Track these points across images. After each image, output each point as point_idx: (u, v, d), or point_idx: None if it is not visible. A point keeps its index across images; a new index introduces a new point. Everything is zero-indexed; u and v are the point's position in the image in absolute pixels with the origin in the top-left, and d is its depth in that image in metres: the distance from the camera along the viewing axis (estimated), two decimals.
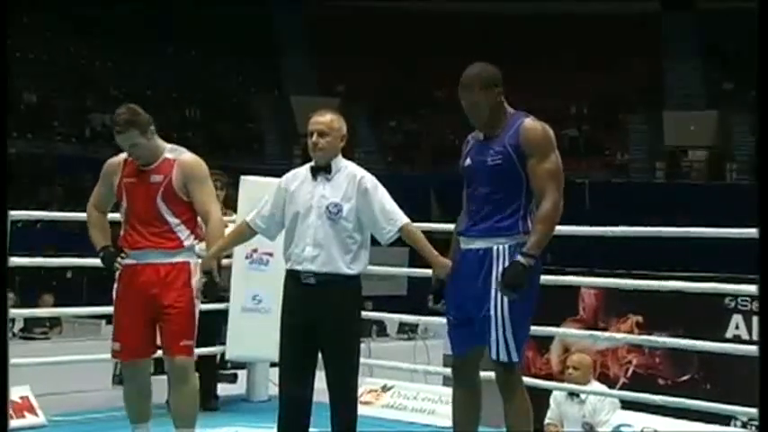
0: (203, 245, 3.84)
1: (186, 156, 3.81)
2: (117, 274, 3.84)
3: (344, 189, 3.60)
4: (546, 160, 3.26)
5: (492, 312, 3.23)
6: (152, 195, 3.74)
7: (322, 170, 3.65)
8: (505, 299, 3.21)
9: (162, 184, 3.73)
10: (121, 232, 3.85)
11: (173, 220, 3.74)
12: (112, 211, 4.02)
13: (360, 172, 3.67)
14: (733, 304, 5.40)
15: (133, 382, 3.82)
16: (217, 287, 3.71)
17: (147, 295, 3.73)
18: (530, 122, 3.32)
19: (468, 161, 3.44)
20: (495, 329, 3.23)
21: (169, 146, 3.84)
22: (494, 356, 3.27)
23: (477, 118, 3.37)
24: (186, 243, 3.76)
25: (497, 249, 3.27)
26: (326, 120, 3.67)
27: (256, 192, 5.00)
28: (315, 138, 3.65)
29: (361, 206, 3.60)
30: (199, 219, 3.83)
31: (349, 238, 3.59)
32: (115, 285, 3.86)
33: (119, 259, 3.77)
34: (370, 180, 3.65)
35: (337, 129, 3.67)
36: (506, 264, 3.24)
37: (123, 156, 3.86)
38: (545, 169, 3.27)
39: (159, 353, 3.91)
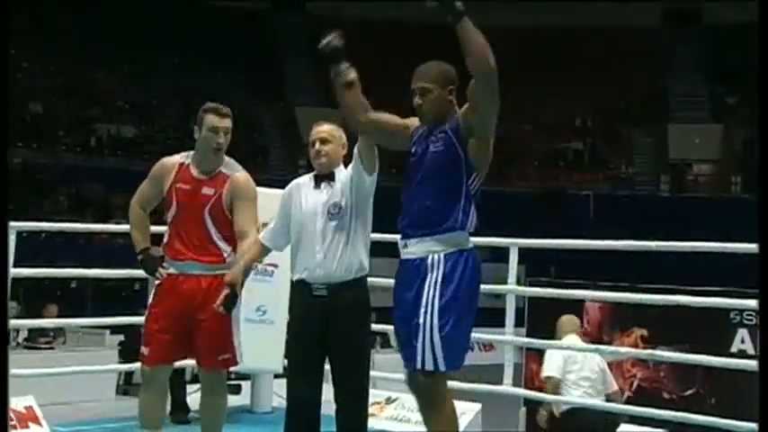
0: None
1: (240, 174, 3.82)
2: (156, 282, 3.83)
3: (342, 188, 3.64)
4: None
5: (421, 320, 3.05)
6: (201, 207, 3.74)
7: (325, 178, 3.68)
8: (436, 305, 3.04)
9: (212, 198, 3.75)
10: (165, 239, 3.85)
11: (216, 234, 3.75)
12: (156, 223, 4.00)
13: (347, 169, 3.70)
14: (738, 318, 5.39)
15: (152, 388, 3.80)
16: (237, 301, 3.68)
17: (186, 306, 3.72)
18: None
19: (414, 149, 3.33)
20: (421, 337, 3.04)
21: (226, 159, 3.85)
22: (418, 365, 3.04)
23: (427, 113, 3.30)
24: (228, 259, 3.77)
25: (432, 258, 3.10)
26: (327, 128, 3.73)
27: (261, 203, 5.00)
28: (318, 146, 3.70)
29: (353, 182, 3.62)
30: None
31: (351, 235, 3.59)
32: (152, 292, 3.83)
33: (161, 269, 3.76)
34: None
35: (338, 137, 3.73)
36: (441, 273, 3.08)
37: (179, 159, 3.86)
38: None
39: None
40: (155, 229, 3.98)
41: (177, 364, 3.96)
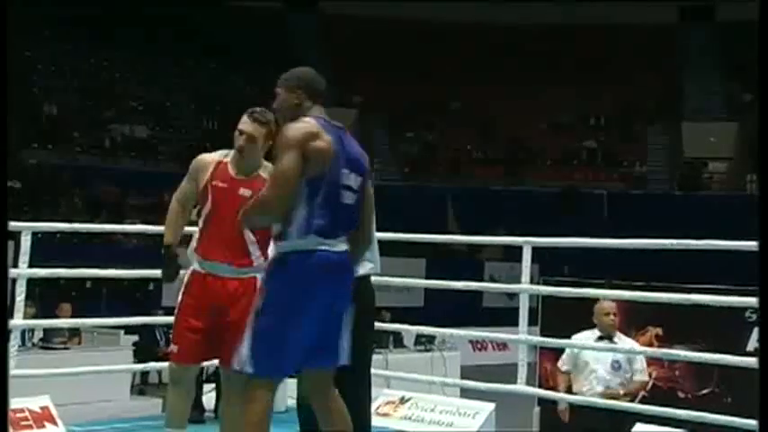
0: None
1: None
2: (185, 279, 3.84)
3: None
4: (276, 162, 3.19)
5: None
6: (236, 209, 3.72)
7: None
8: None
9: (249, 200, 3.69)
10: (197, 235, 3.86)
11: (250, 238, 3.75)
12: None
13: None
14: (754, 317, 5.36)
15: (179, 386, 3.83)
16: None
17: (213, 306, 3.74)
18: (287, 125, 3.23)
19: None
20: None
21: (266, 163, 3.85)
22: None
23: (278, 116, 3.36)
24: (256, 263, 3.77)
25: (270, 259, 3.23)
26: None
27: None
28: None
29: None
30: None
31: None
32: (182, 287, 3.85)
33: (174, 278, 3.80)
34: None
35: None
36: (263, 277, 3.22)
37: (217, 157, 3.87)
38: (270, 170, 3.32)
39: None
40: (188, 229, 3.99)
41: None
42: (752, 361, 4.56)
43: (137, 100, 23.86)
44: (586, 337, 5.34)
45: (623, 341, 5.30)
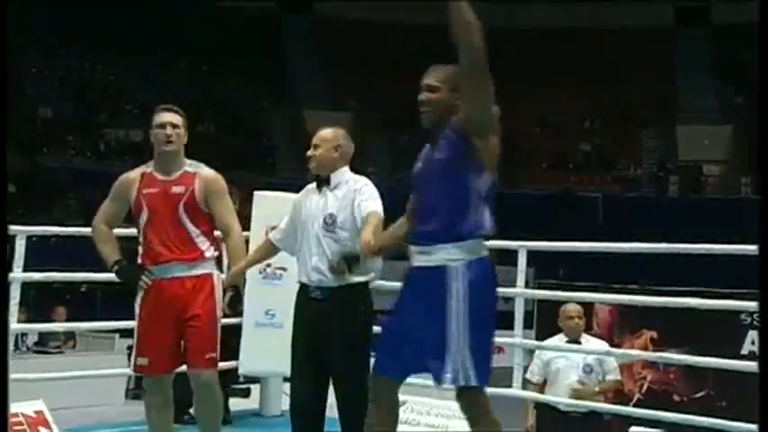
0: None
1: (206, 170, 3.84)
2: (138, 294, 3.81)
3: (342, 199, 3.66)
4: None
5: (451, 334, 2.93)
6: (174, 206, 3.74)
7: (325, 183, 3.72)
8: (465, 318, 2.91)
9: (184, 196, 3.75)
10: (140, 248, 3.83)
11: (194, 231, 3.75)
12: (126, 226, 4.01)
13: (360, 183, 3.70)
14: (749, 320, 5.37)
15: (157, 396, 3.81)
16: (242, 303, 3.73)
17: (174, 309, 3.72)
18: None
19: (418, 164, 3.27)
20: (453, 351, 2.93)
21: (188, 161, 3.86)
22: (457, 381, 2.97)
23: (429, 111, 3.24)
24: (207, 254, 3.76)
25: (453, 267, 2.94)
26: (320, 133, 3.80)
27: (270, 207, 5.01)
28: (310, 151, 3.78)
29: (353, 213, 3.63)
30: (217, 232, 3.86)
31: (346, 244, 3.59)
32: (138, 299, 3.82)
33: (144, 278, 3.74)
34: (363, 187, 3.68)
35: (330, 140, 3.76)
36: (466, 283, 2.93)
37: (140, 170, 3.86)
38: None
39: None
40: (121, 232, 3.97)
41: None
42: (746, 364, 4.56)
43: (131, 103, 23.86)
44: (555, 342, 5.30)
45: (591, 343, 5.27)
